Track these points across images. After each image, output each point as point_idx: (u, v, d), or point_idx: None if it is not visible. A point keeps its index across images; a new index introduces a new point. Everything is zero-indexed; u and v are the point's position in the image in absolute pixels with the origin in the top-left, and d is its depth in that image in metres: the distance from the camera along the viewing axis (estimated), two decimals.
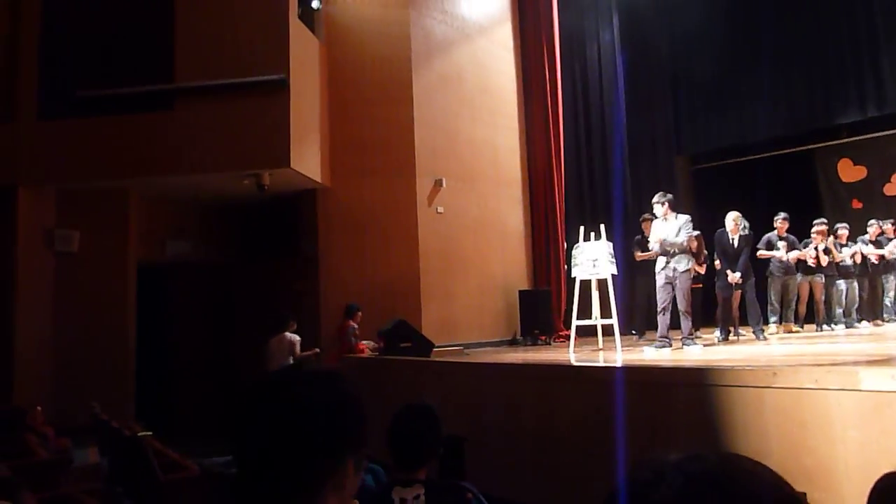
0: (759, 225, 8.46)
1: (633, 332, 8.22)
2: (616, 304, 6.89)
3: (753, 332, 7.55)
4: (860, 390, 3.52)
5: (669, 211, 6.42)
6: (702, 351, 6.11)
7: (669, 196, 6.51)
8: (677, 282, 6.30)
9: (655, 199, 6.53)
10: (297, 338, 7.12)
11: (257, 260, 9.11)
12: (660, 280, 6.44)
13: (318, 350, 7.43)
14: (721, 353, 6.04)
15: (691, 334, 6.42)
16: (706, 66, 11.16)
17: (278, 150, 7.07)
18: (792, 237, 8.42)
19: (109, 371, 7.27)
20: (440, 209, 8.52)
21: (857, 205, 11.17)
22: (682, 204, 11.55)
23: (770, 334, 7.98)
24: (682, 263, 6.32)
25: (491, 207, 9.26)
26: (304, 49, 7.75)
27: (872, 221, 9.33)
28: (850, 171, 11.38)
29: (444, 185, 8.56)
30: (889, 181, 10.95)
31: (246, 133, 7.07)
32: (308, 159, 7.63)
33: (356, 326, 7.57)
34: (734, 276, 7.55)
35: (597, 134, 10.62)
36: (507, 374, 5.76)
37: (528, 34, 10.02)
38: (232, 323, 9.11)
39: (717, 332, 7.61)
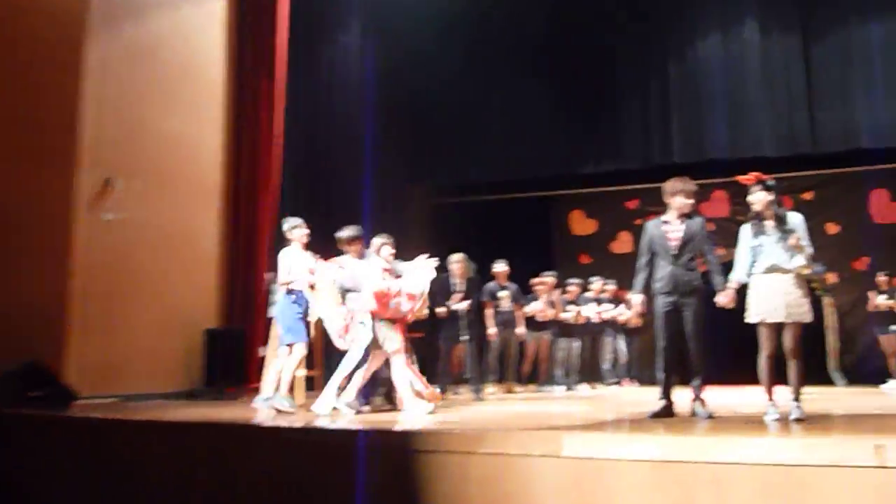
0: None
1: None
2: (324, 350, 6.95)
3: (472, 391, 8.14)
4: (561, 457, 3.93)
5: (363, 249, 6.66)
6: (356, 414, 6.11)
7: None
8: None
9: (351, 232, 6.64)
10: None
11: None
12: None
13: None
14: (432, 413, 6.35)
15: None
16: (455, 99, 12.13)
17: None
18: (514, 286, 9.32)
19: None
20: (110, 216, 7.90)
21: (585, 260, 12.81)
22: (416, 238, 12.28)
23: (489, 394, 8.69)
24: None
25: (181, 220, 8.81)
26: None
27: (595, 278, 10.76)
28: (581, 224, 13.05)
29: (119, 185, 7.95)
30: (616, 238, 12.77)
31: None
32: None
33: None
34: (458, 303, 8.11)
35: (322, 149, 10.74)
36: (174, 434, 5.44)
37: (249, 10, 9.81)
38: None
39: (436, 389, 8.06)
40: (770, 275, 5.18)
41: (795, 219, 5.29)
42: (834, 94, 10.77)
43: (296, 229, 6.88)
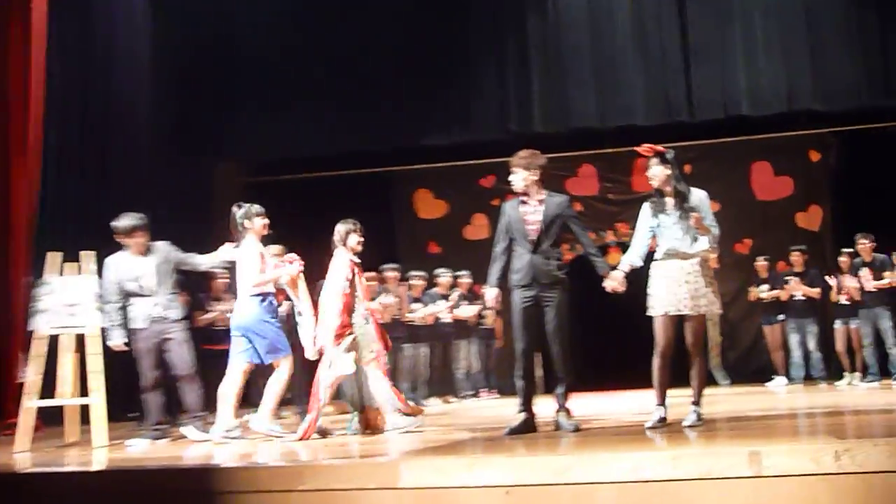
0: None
1: (130, 414, 8.16)
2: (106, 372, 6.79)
3: (298, 412, 8.04)
4: (398, 488, 3.96)
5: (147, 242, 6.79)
6: (150, 448, 6.32)
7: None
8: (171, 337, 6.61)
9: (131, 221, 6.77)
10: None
11: None
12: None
13: None
14: (244, 447, 6.23)
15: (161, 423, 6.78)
16: (272, 56, 11.95)
17: None
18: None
19: None
20: None
21: (434, 248, 12.97)
22: (225, 226, 12.01)
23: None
24: (174, 310, 6.69)
25: None
26: None
27: (443, 270, 10.90)
28: (428, 206, 13.18)
29: None
30: (469, 222, 12.98)
31: None
32: None
33: None
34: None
35: (102, 113, 10.33)
36: None
37: None
38: None
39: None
40: (669, 261, 5.40)
41: (698, 195, 5.52)
42: (713, 55, 11.29)
43: (256, 218, 6.72)
